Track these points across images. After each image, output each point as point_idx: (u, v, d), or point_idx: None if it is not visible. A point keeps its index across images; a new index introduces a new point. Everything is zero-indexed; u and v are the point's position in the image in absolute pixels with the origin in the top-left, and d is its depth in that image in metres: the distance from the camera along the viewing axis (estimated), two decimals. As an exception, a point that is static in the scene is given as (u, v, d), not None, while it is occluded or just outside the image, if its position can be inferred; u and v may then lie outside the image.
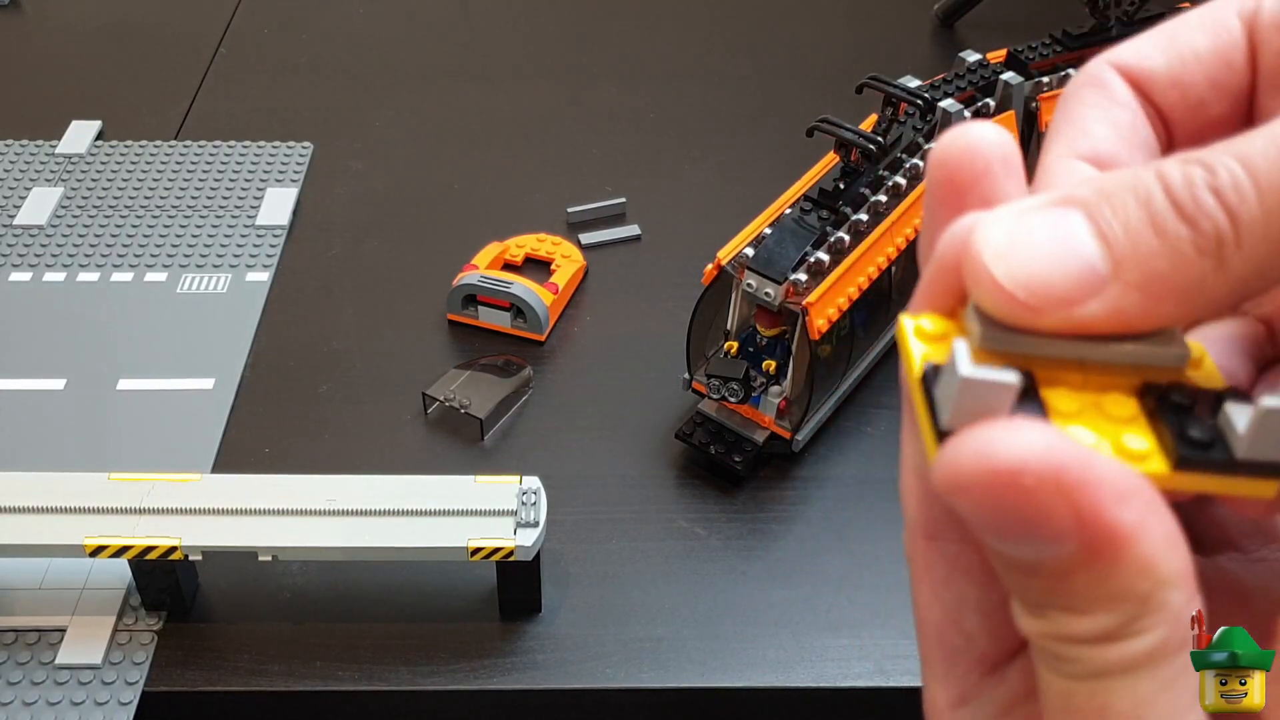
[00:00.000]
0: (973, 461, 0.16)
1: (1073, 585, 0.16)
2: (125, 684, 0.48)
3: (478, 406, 0.60)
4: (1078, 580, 0.16)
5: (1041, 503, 0.16)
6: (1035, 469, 0.15)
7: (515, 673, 0.49)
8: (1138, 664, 0.17)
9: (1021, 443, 0.16)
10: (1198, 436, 0.17)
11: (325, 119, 0.84)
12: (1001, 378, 0.17)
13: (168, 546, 0.47)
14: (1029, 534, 0.16)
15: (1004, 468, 0.16)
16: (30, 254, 0.71)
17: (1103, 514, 0.16)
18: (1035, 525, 0.16)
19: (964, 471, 0.16)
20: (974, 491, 0.16)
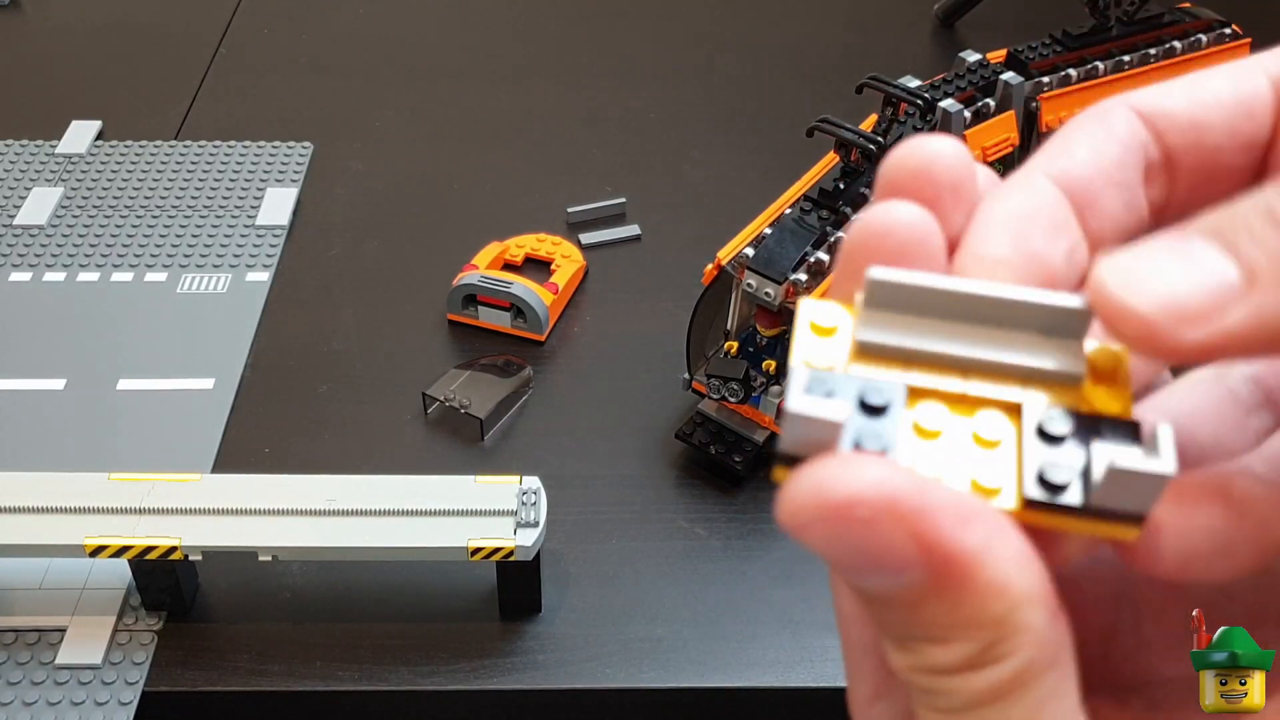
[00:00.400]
0: (809, 499, 0.16)
1: (928, 614, 0.16)
2: (125, 684, 0.48)
3: (478, 406, 0.60)
4: (931, 609, 0.16)
5: (882, 534, 0.16)
6: (869, 500, 0.16)
7: (515, 673, 0.49)
8: (1005, 691, 0.16)
9: (854, 476, 0.16)
10: (1053, 480, 0.17)
11: (325, 119, 0.84)
12: (828, 414, 0.16)
13: (168, 546, 0.47)
14: (875, 566, 0.16)
15: (837, 502, 0.16)
16: (30, 254, 0.71)
17: (943, 539, 0.16)
18: (879, 557, 0.16)
19: (802, 509, 0.16)
20: (815, 529, 0.16)
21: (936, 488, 0.16)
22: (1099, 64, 0.65)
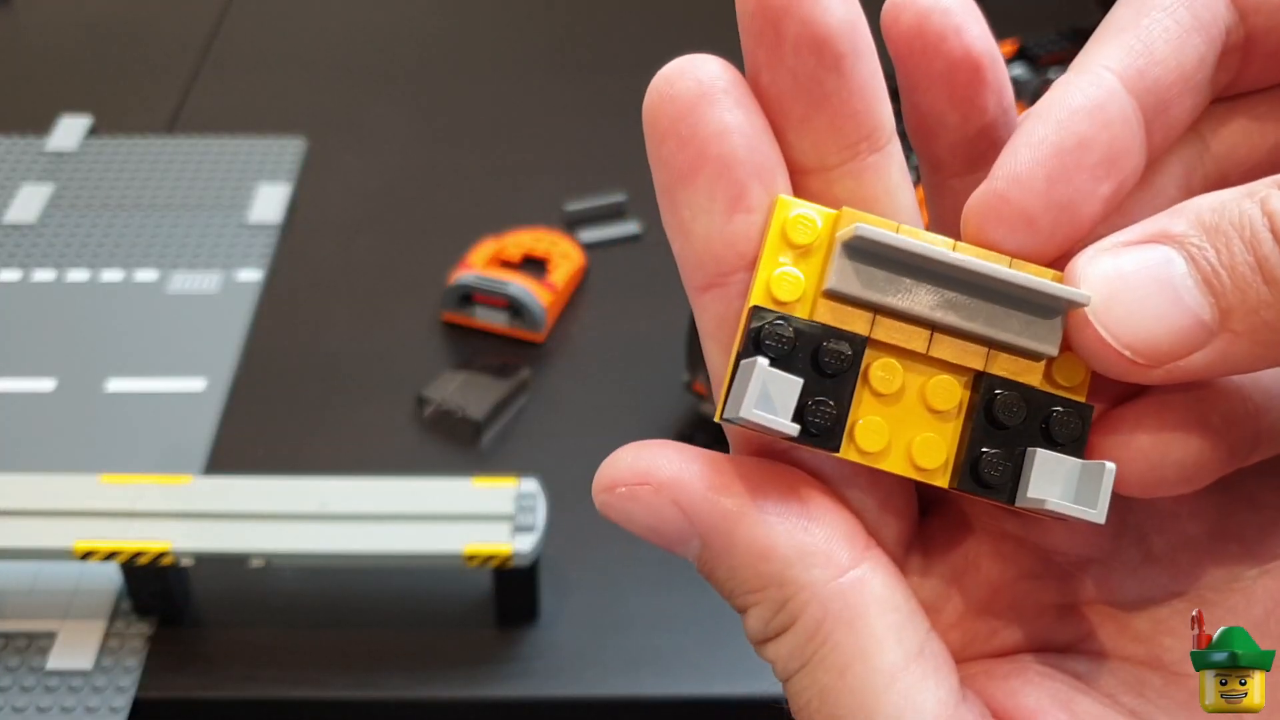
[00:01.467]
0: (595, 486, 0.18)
1: (720, 581, 0.18)
2: (117, 690, 0.48)
3: (474, 408, 0.59)
4: (720, 575, 0.18)
5: (650, 507, 0.17)
6: (626, 478, 0.18)
7: (512, 680, 0.49)
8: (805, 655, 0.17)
9: (621, 458, 0.18)
10: (986, 478, 0.17)
11: (318, 114, 0.83)
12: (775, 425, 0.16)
13: (159, 550, 0.47)
14: (660, 536, 0.18)
15: (605, 483, 0.18)
16: (20, 253, 0.70)
17: (697, 505, 0.17)
18: (659, 527, 0.18)
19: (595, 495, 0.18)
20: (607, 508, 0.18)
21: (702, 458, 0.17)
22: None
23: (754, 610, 0.17)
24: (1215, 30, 0.18)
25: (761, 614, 0.17)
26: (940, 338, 0.18)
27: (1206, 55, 0.18)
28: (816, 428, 0.17)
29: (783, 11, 0.18)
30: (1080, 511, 0.17)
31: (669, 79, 0.19)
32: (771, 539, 0.17)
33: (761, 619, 0.17)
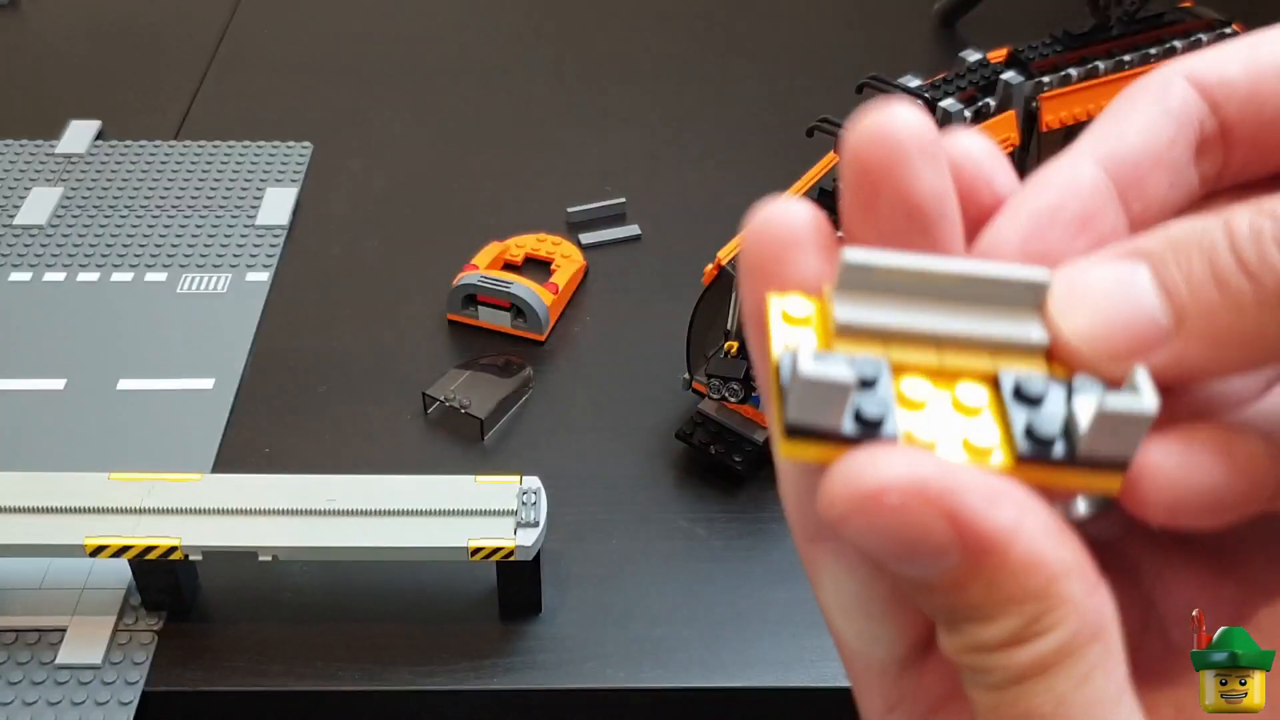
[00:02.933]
0: (842, 491, 0.16)
1: (971, 595, 0.17)
2: (125, 684, 0.48)
3: (478, 406, 0.60)
4: (974, 589, 0.17)
5: (915, 519, 0.16)
6: (899, 486, 0.16)
7: (515, 673, 0.49)
8: (1050, 663, 0.17)
9: (883, 464, 0.16)
10: (1041, 433, 0.17)
11: (325, 119, 0.84)
12: (837, 376, 0.17)
13: (168, 546, 0.47)
14: (915, 552, 0.17)
15: (868, 490, 0.16)
16: (30, 254, 0.71)
17: (975, 519, 0.16)
18: (917, 542, 0.16)
19: (837, 502, 0.16)
20: (853, 521, 0.16)
21: (962, 469, 0.17)
22: (1099, 64, 0.65)
23: (1002, 621, 0.17)
24: (1185, 119, 0.20)
25: (1011, 625, 0.17)
26: (948, 350, 0.18)
27: (1177, 138, 0.19)
28: (870, 424, 0.17)
29: (881, 178, 0.18)
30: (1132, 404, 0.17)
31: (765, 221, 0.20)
32: (1042, 553, 0.17)
33: (1009, 629, 0.17)
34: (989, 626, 0.17)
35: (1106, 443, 0.17)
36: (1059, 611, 0.17)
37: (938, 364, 0.18)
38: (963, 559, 0.16)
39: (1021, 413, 0.18)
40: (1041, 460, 0.17)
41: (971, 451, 0.18)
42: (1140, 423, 0.17)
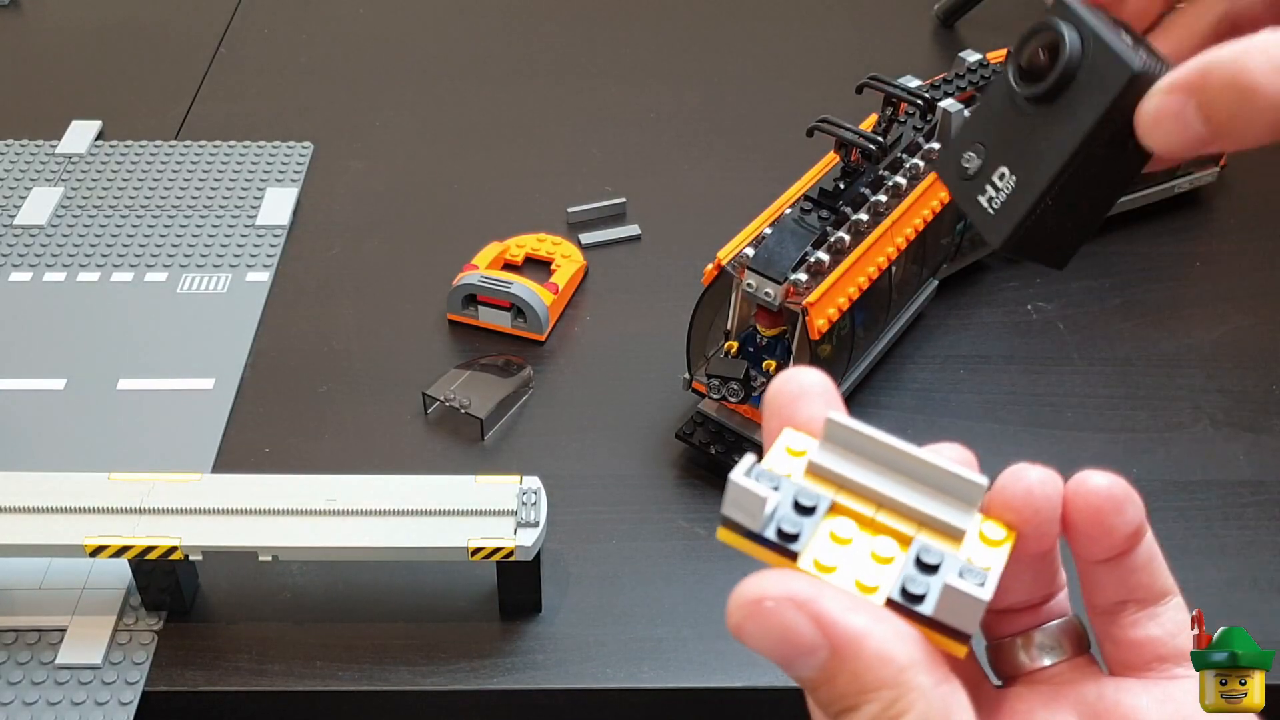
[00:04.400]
0: (736, 604, 0.22)
1: (840, 685, 0.21)
2: (125, 684, 0.48)
3: (478, 406, 0.60)
4: (841, 680, 0.21)
5: (789, 621, 0.21)
6: (775, 595, 0.22)
7: (515, 673, 0.49)
8: None
9: (765, 580, 0.22)
10: (910, 590, 0.22)
11: (325, 119, 0.84)
12: (755, 490, 0.23)
13: (168, 546, 0.47)
14: (793, 649, 0.22)
15: (753, 598, 0.22)
16: (30, 254, 0.71)
17: (834, 619, 0.21)
18: (792, 640, 0.21)
19: (735, 611, 0.22)
20: (746, 625, 0.22)
21: (829, 586, 0.22)
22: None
23: (867, 707, 0.21)
24: None
25: (874, 710, 0.21)
26: (885, 510, 0.24)
27: None
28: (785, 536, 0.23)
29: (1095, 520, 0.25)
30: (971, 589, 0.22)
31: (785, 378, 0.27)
32: (893, 649, 0.21)
33: (873, 713, 0.21)
34: (859, 713, 0.21)
35: (949, 613, 0.22)
36: (910, 696, 0.21)
37: (872, 517, 0.24)
38: (830, 654, 0.21)
39: (912, 571, 0.23)
40: (905, 610, 0.22)
41: (860, 587, 0.22)
42: (977, 606, 0.22)
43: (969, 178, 0.30)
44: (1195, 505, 0.57)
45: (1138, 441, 0.61)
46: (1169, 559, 0.27)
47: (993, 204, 0.29)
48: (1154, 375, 0.65)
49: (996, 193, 0.29)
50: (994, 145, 0.30)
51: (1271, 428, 0.62)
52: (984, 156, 0.30)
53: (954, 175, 0.30)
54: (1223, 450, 0.60)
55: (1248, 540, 0.56)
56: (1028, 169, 0.29)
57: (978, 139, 0.30)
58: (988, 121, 0.30)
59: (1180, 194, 0.75)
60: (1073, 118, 0.28)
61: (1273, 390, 0.64)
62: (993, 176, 0.29)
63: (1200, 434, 0.61)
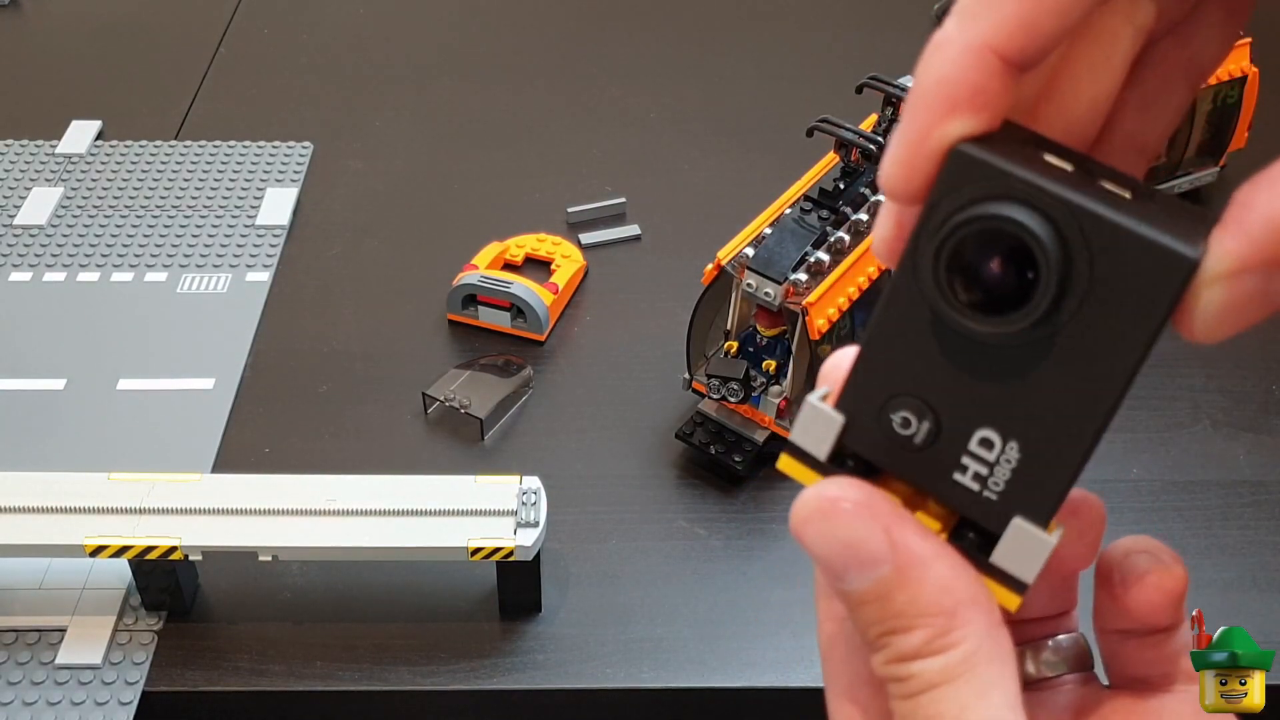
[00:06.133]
0: (808, 499, 0.21)
1: (895, 603, 0.21)
2: (125, 684, 0.48)
3: (478, 406, 0.60)
4: (898, 598, 0.21)
5: (861, 529, 0.21)
6: (854, 500, 0.21)
7: (515, 673, 0.50)
8: (955, 673, 0.20)
9: (844, 484, 0.21)
10: (971, 536, 0.21)
11: (325, 119, 0.84)
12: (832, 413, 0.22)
13: (168, 546, 0.47)
14: (857, 558, 0.21)
15: (831, 498, 0.21)
16: (30, 254, 0.71)
17: (908, 539, 0.21)
18: (859, 549, 0.21)
19: (802, 508, 0.21)
20: (811, 524, 0.21)
21: (905, 511, 0.21)
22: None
23: (917, 632, 0.21)
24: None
25: (924, 634, 0.21)
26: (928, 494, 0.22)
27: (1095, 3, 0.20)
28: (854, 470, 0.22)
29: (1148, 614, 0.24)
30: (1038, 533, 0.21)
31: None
32: (956, 580, 0.21)
33: (923, 639, 0.21)
34: (908, 636, 0.21)
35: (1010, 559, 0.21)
36: (964, 630, 0.21)
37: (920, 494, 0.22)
38: (893, 569, 0.21)
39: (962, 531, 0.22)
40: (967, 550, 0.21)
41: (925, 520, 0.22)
42: (1040, 550, 0.21)
43: (916, 449, 0.21)
44: (1195, 505, 0.57)
45: (1138, 441, 0.61)
46: None
47: (989, 485, 0.21)
48: (1154, 375, 0.65)
49: (989, 468, 0.21)
50: (945, 400, 0.21)
51: (1271, 428, 0.62)
52: (932, 418, 0.21)
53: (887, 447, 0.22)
54: (1222, 450, 0.60)
55: (1247, 540, 0.56)
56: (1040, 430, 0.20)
57: (905, 390, 0.21)
58: (913, 361, 0.21)
59: (1180, 194, 0.75)
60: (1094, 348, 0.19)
61: (1272, 390, 0.64)
62: (969, 446, 0.21)
63: (1200, 434, 0.61)
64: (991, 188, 0.19)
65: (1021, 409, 0.20)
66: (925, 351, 0.21)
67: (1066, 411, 0.20)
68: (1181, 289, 0.19)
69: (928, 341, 0.21)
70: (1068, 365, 0.20)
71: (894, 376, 0.21)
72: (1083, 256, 0.19)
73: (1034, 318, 0.19)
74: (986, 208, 0.19)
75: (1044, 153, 0.20)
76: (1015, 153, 0.20)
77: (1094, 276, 0.19)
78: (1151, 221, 0.19)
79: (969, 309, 0.20)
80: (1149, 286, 0.19)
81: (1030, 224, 0.19)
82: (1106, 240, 0.19)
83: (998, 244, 0.19)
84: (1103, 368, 0.19)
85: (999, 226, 0.19)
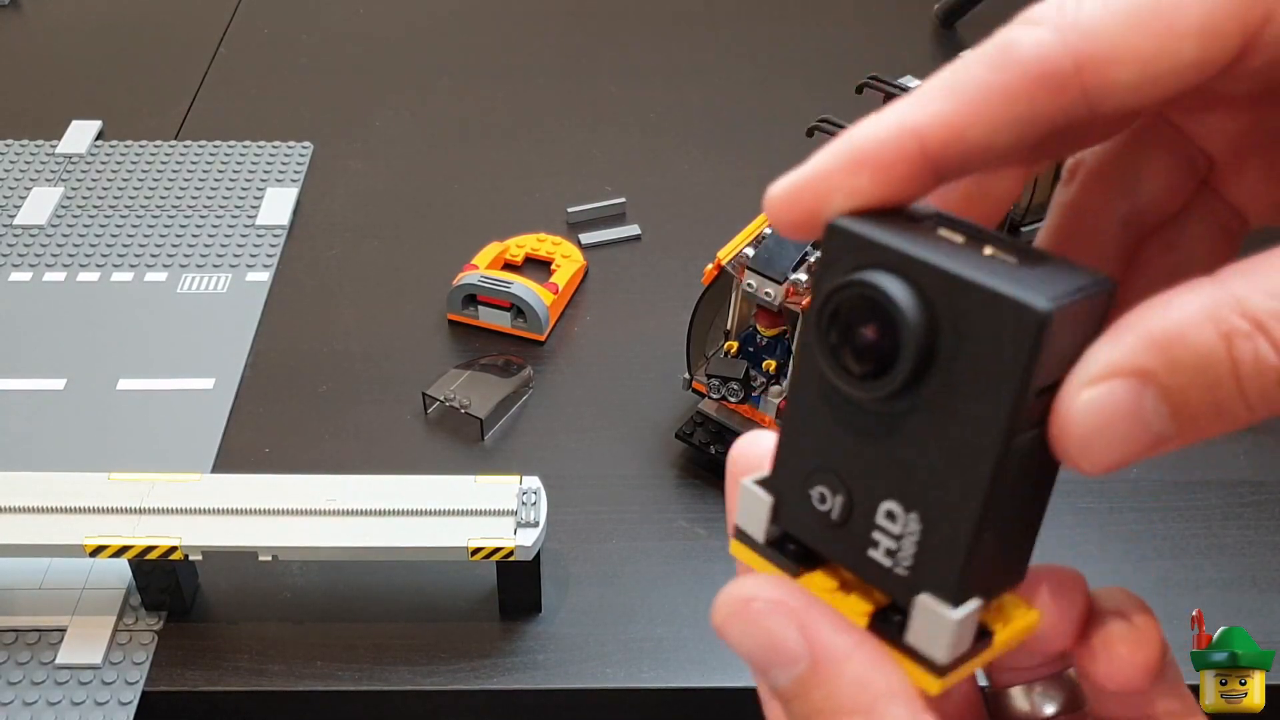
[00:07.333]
0: (725, 599, 0.22)
1: (814, 700, 0.21)
2: (125, 684, 0.48)
3: (478, 406, 0.60)
4: (816, 695, 0.21)
5: (776, 626, 0.21)
6: (766, 598, 0.21)
7: (515, 673, 0.49)
8: None
9: (759, 582, 0.22)
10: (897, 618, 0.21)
11: (325, 119, 0.84)
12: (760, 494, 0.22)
13: (168, 546, 0.47)
14: (775, 654, 0.21)
15: (745, 598, 0.21)
16: (30, 254, 0.71)
17: (823, 634, 0.21)
18: (775, 646, 0.21)
19: (720, 608, 0.21)
20: (730, 623, 0.21)
21: (820, 601, 0.21)
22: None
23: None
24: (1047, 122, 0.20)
25: None
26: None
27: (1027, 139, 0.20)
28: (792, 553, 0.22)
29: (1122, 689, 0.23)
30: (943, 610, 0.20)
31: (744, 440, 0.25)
32: (872, 674, 0.21)
33: None
34: None
35: (920, 639, 0.20)
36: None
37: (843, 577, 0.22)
38: (809, 666, 0.21)
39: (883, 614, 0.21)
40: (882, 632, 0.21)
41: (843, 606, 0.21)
42: (946, 627, 0.20)
43: (835, 525, 0.21)
44: (1195, 505, 0.57)
45: (1138, 441, 0.61)
46: (1170, 559, 0.27)
47: (899, 560, 0.21)
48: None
49: (896, 542, 0.20)
50: (852, 473, 0.21)
51: (1271, 427, 0.62)
52: (844, 491, 0.21)
53: (810, 524, 0.22)
54: (1222, 450, 0.60)
55: (1248, 540, 0.56)
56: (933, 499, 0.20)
57: (819, 466, 0.21)
58: (822, 436, 0.21)
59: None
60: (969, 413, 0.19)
61: (1273, 390, 0.64)
62: (876, 519, 0.21)
63: (1200, 434, 0.61)
64: (863, 257, 0.19)
65: (916, 479, 0.20)
66: (832, 425, 0.21)
67: (953, 479, 0.19)
68: (1036, 344, 0.18)
69: (834, 414, 0.21)
70: (945, 431, 0.19)
71: (809, 452, 0.21)
72: (947, 318, 0.19)
73: (900, 380, 0.19)
74: (855, 275, 0.19)
75: (940, 228, 0.20)
76: (896, 226, 0.20)
77: (958, 338, 0.19)
78: (1013, 280, 0.18)
79: (853, 378, 0.20)
80: (1005, 344, 0.18)
81: (887, 287, 0.19)
82: (962, 299, 0.18)
83: (871, 311, 0.19)
84: (976, 432, 0.19)
85: (861, 292, 0.19)
